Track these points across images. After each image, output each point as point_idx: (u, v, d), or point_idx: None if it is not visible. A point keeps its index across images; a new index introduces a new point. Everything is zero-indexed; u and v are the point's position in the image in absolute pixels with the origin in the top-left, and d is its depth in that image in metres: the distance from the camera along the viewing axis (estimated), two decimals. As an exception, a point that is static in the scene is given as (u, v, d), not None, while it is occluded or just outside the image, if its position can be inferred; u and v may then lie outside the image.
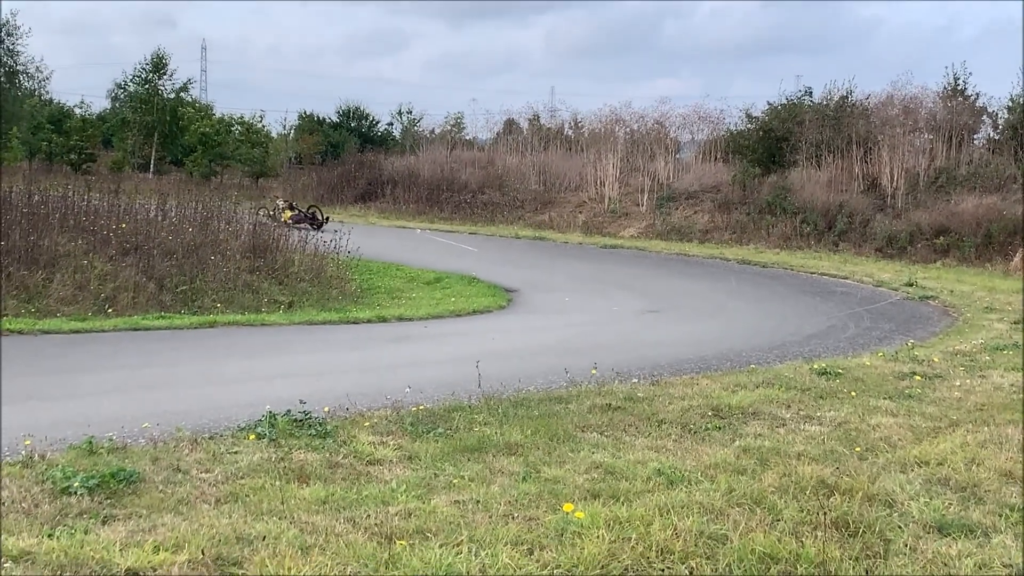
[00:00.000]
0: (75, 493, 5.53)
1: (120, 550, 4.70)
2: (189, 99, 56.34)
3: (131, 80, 54.39)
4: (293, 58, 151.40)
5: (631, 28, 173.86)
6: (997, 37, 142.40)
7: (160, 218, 18.81)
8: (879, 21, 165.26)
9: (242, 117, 54.91)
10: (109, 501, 5.52)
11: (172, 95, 54.57)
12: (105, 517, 5.27)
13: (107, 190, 19.54)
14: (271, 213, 27.81)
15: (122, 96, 55.80)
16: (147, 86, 53.80)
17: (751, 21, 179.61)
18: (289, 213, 30.89)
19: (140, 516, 5.30)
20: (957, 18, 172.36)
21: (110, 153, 58.03)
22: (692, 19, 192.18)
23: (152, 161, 53.65)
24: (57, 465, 5.98)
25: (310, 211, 32.93)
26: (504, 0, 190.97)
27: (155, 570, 4.51)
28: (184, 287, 16.16)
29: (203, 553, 4.67)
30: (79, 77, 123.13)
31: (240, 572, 4.56)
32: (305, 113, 61.79)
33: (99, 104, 68.78)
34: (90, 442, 6.48)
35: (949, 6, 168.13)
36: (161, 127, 53.36)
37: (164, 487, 5.82)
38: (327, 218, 32.28)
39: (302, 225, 28.27)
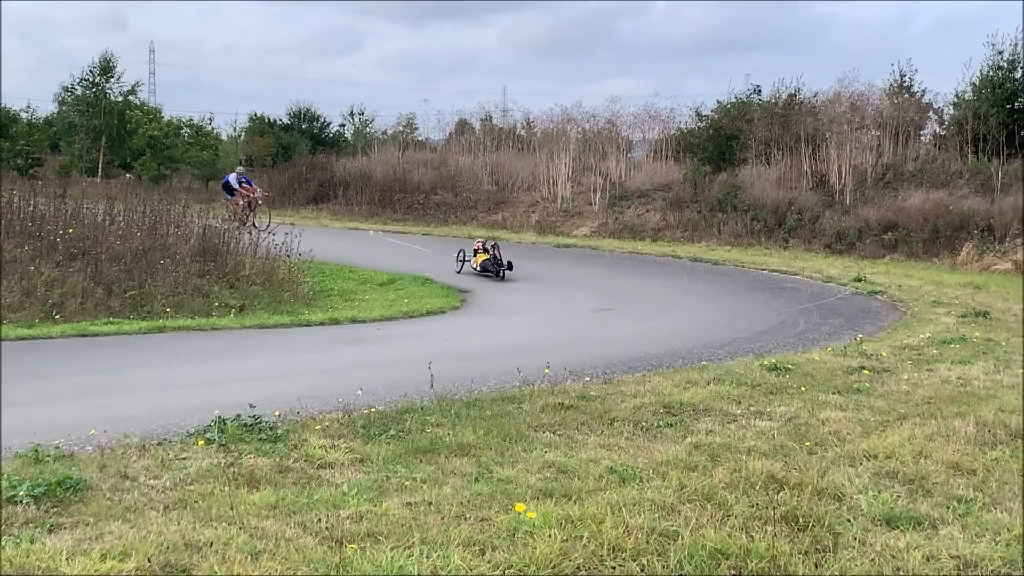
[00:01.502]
0: (21, 502, 5.45)
1: (67, 559, 4.64)
2: (138, 102, 55.68)
3: (78, 83, 53.67)
4: (247, 59, 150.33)
5: (586, 27, 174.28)
6: (948, 32, 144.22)
7: (108, 223, 18.55)
8: (831, 18, 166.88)
9: (191, 119, 54.38)
10: (56, 509, 5.45)
11: (120, 98, 53.90)
12: (51, 526, 5.20)
13: (54, 195, 19.25)
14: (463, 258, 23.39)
15: (69, 100, 55.00)
16: (94, 89, 53.09)
17: (705, 20, 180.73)
18: (482, 257, 23.17)
19: (87, 524, 5.23)
20: (910, 12, 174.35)
21: (57, 157, 57.21)
22: (647, 18, 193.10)
23: (100, 165, 52.93)
24: (2, 474, 5.89)
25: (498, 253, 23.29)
26: (462, 0, 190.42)
27: (102, 579, 4.46)
28: (133, 292, 15.97)
29: (150, 561, 4.62)
30: (28, 81, 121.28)
31: (189, 579, 4.51)
32: (256, 115, 61.26)
33: (47, 108, 67.79)
34: (36, 450, 6.39)
35: (901, 4, 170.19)
36: (109, 130, 52.63)
37: (112, 494, 5.75)
38: (509, 263, 22.79)
39: (488, 272, 22.65)
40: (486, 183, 43.08)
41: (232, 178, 30.59)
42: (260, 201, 30.66)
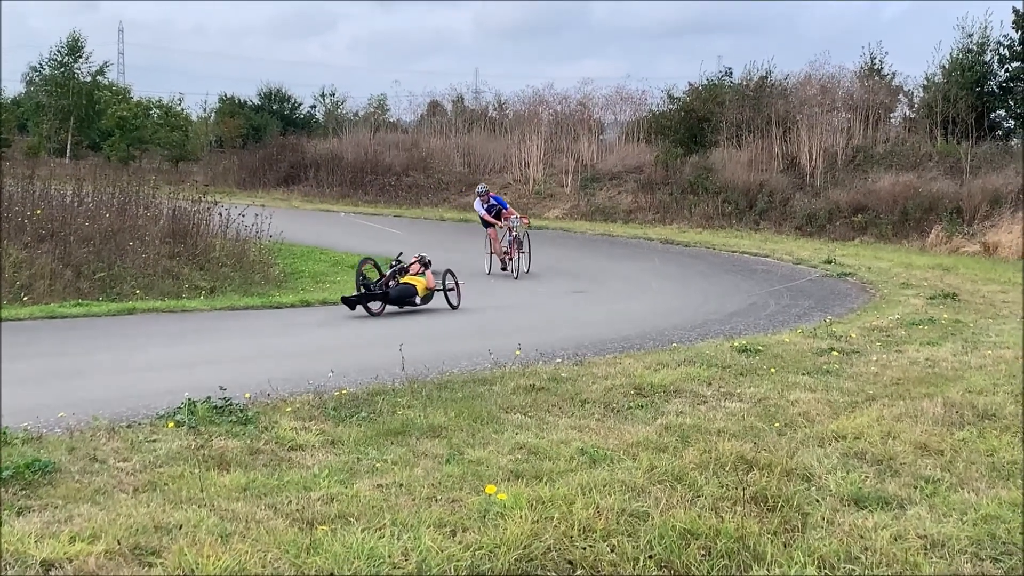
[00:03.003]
0: (-12, 485, 5.41)
1: (35, 541, 4.61)
2: (106, 82, 55.20)
3: (46, 63, 53.18)
4: (217, 39, 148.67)
5: (559, 8, 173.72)
6: (921, 16, 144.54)
7: (76, 204, 18.41)
8: (807, 5, 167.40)
9: (160, 100, 53.96)
10: (24, 492, 5.40)
11: (89, 78, 53.42)
12: (20, 508, 5.16)
13: (21, 176, 19.07)
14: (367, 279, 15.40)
15: (37, 80, 54.51)
16: (63, 69, 52.60)
17: (678, 1, 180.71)
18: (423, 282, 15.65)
19: (56, 507, 5.20)
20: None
21: (25, 138, 56.70)
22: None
23: (68, 146, 52.49)
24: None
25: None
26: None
27: (71, 561, 4.43)
28: (102, 274, 15.87)
29: (120, 543, 4.60)
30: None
31: (159, 561, 4.49)
32: (226, 96, 60.82)
33: (14, 88, 67.04)
34: (3, 432, 6.34)
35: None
36: (77, 111, 52.20)
37: (81, 477, 5.72)
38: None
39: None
40: (458, 165, 43.02)
41: (478, 205, 21.65)
42: (517, 229, 21.01)
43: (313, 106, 61.70)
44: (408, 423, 7.15)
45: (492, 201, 21.59)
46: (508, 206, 21.83)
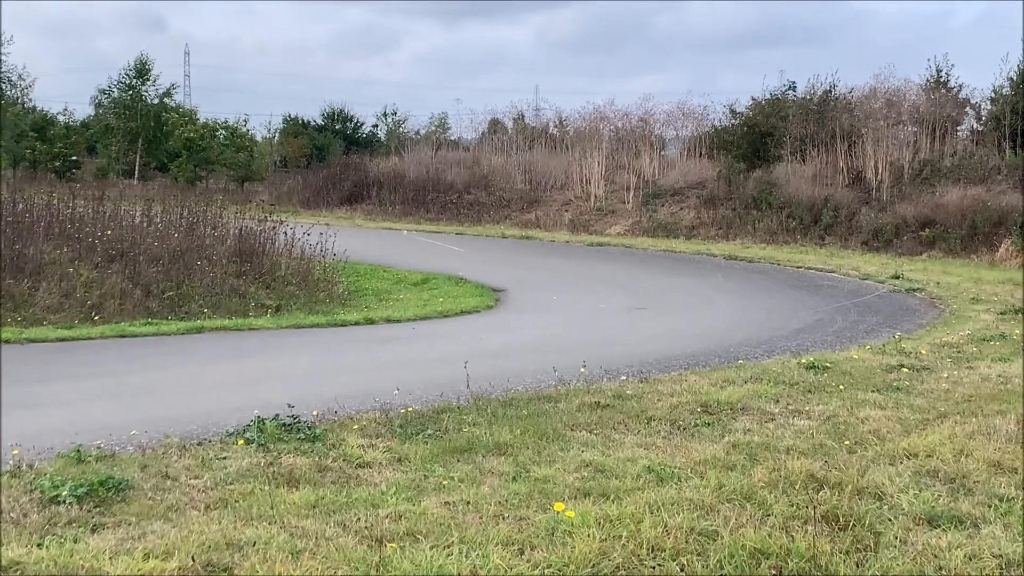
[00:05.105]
0: (64, 502, 5.51)
1: (110, 558, 4.68)
2: (173, 104, 56.16)
3: (115, 86, 54.21)
4: (280, 58, 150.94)
5: (621, 23, 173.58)
6: (989, 26, 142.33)
7: (146, 224, 18.73)
8: (870, 12, 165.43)
9: (226, 121, 54.77)
10: (98, 509, 5.50)
11: (156, 100, 54.38)
12: (94, 526, 5.25)
13: (92, 197, 19.45)
14: None
15: (106, 102, 55.59)
16: (130, 92, 53.60)
17: (742, 14, 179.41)
18: None
19: (129, 524, 5.28)
20: (950, 7, 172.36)
21: (95, 160, 57.86)
22: (684, 12, 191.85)
23: (137, 167, 53.44)
24: (45, 474, 5.96)
25: None
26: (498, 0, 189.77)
27: (145, 578, 4.50)
28: (171, 293, 16.11)
29: (193, 560, 4.66)
30: (63, 83, 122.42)
31: (230, 578, 4.55)
32: (289, 116, 61.69)
33: (83, 111, 68.48)
34: (78, 450, 6.45)
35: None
36: (145, 133, 53.17)
37: (153, 494, 5.80)
38: None
39: None
40: (519, 182, 43.12)
41: None
42: None
43: (375, 125, 62.40)
44: (474, 440, 7.17)
45: None
46: None
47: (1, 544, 4.84)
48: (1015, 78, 34.52)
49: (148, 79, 54.16)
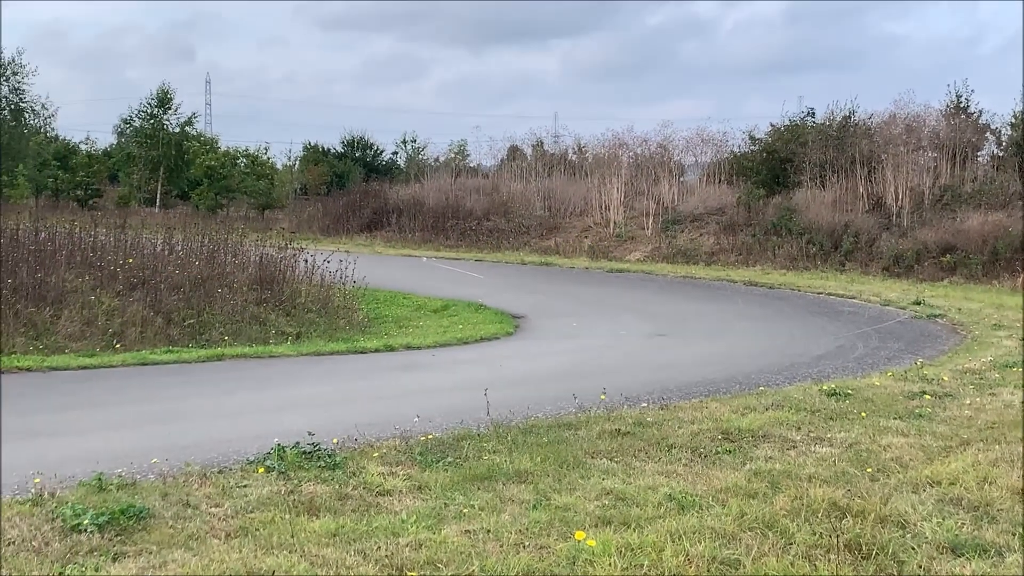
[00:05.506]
0: (85, 530, 5.51)
1: (131, 587, 4.69)
2: (194, 132, 56.57)
3: (136, 115, 54.69)
4: (306, 88, 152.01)
5: (647, 49, 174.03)
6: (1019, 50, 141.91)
7: (167, 252, 18.86)
8: (900, 37, 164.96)
9: (247, 149, 55.11)
10: (119, 538, 5.51)
11: (177, 129, 54.79)
12: (116, 554, 5.25)
13: (113, 225, 19.60)
14: None
15: (128, 131, 56.07)
16: (152, 121, 54.03)
17: (771, 38, 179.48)
18: None
19: (150, 552, 5.28)
20: (981, 31, 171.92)
21: (116, 188, 58.31)
22: (712, 38, 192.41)
23: (158, 195, 53.81)
24: (67, 502, 5.97)
25: None
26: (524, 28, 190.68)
27: (166, 607, 4.50)
28: (191, 320, 16.19)
29: (214, 588, 4.66)
30: (94, 112, 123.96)
31: (251, 607, 4.54)
32: (310, 144, 62.00)
33: (106, 140, 69.13)
34: (99, 478, 6.47)
35: (974, 17, 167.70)
36: (167, 161, 53.55)
37: (174, 522, 5.81)
38: None
39: None
40: (538, 209, 43.18)
41: None
42: None
43: (395, 153, 62.63)
44: (494, 468, 7.15)
45: None
46: None
47: (1, 569, 4.86)
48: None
49: (170, 108, 54.61)
